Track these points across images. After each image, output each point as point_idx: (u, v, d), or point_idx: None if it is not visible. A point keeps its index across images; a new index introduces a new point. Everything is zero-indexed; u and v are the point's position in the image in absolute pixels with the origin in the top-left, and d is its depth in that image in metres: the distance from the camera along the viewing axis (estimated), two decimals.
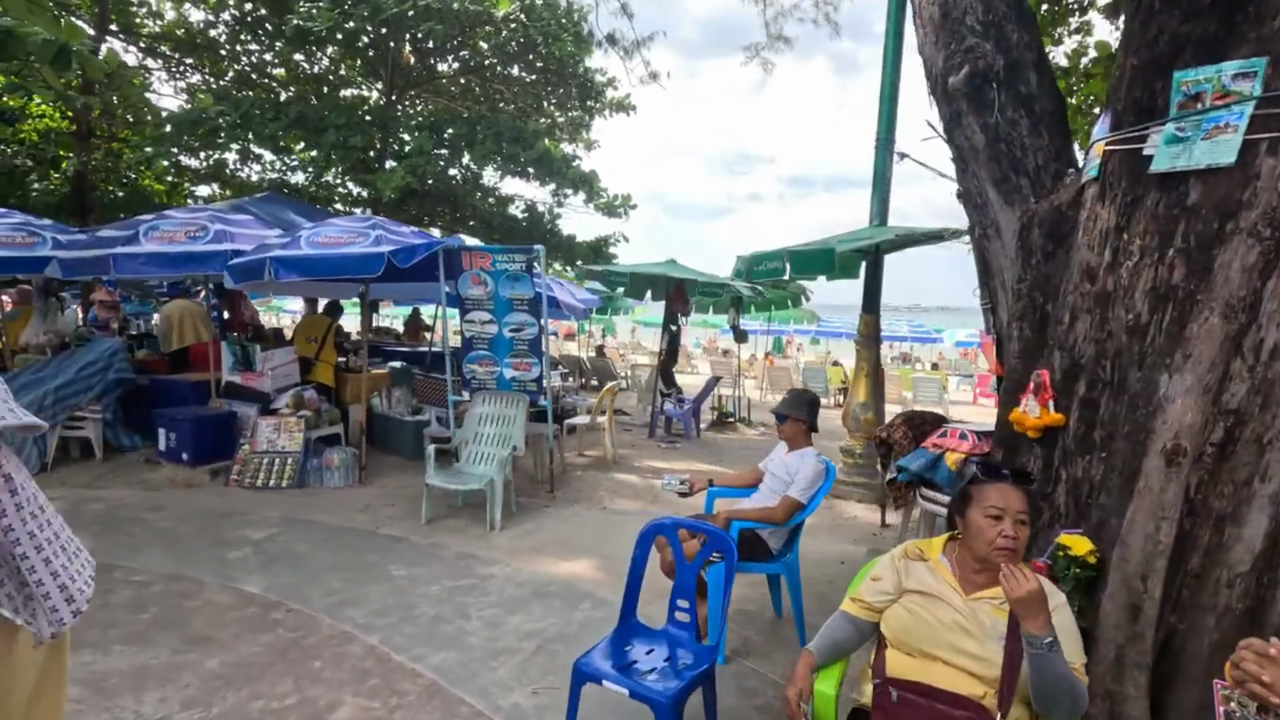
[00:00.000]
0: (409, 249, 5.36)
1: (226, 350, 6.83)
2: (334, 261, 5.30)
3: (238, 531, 4.89)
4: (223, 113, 11.81)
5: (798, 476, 3.25)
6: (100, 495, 5.64)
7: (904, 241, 5.30)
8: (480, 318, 5.84)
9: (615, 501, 5.99)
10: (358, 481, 6.28)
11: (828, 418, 12.13)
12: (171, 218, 6.33)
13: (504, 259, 5.64)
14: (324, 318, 7.81)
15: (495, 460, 5.41)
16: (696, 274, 8.55)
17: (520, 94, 16.93)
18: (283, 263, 5.26)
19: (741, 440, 9.54)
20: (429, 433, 7.29)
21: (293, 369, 7.04)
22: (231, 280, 5.71)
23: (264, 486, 6.06)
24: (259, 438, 6.31)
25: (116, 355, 6.79)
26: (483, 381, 5.94)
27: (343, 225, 5.81)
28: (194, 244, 5.97)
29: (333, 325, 7.75)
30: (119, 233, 6.13)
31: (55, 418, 6.28)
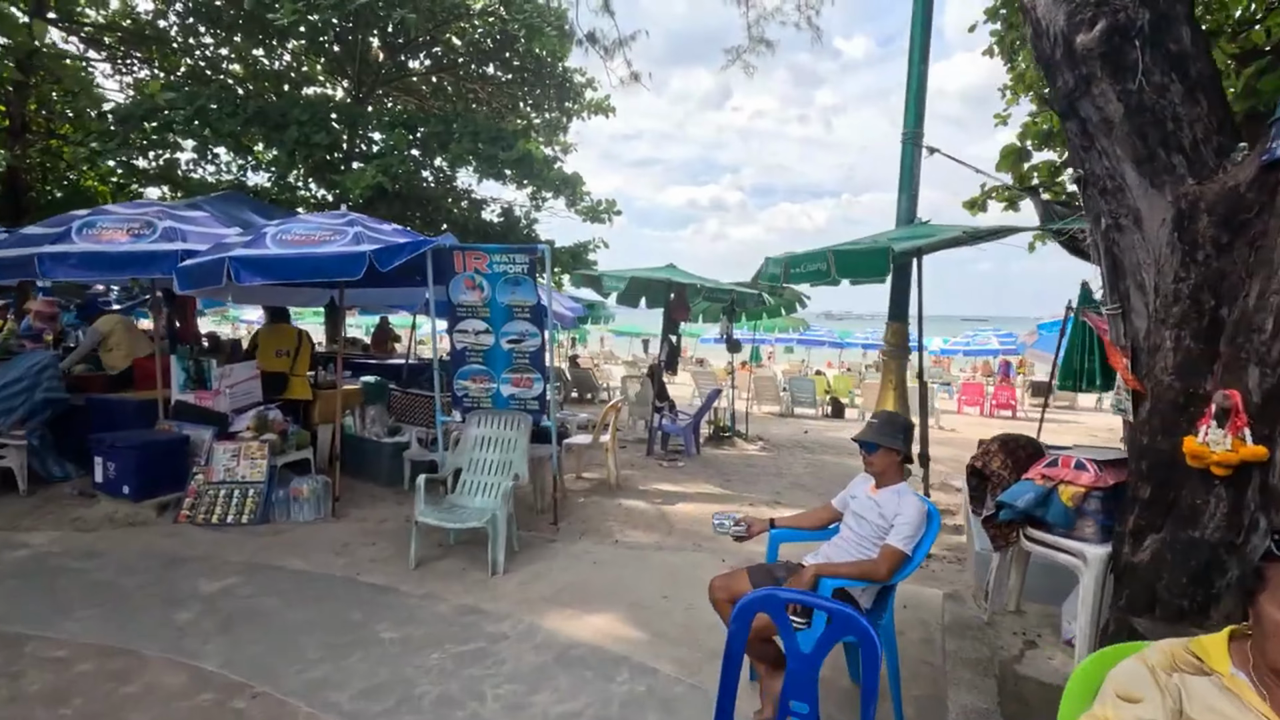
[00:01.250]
0: (393, 249, 4.65)
1: (177, 365, 5.99)
2: (306, 263, 4.56)
3: (189, 583, 4.10)
4: (174, 105, 10.85)
5: (898, 521, 2.66)
6: (22, 539, 4.76)
7: (959, 240, 4.80)
8: (474, 327, 5.15)
9: (627, 533, 5.34)
10: (330, 515, 5.51)
11: (820, 431, 11.64)
12: (111, 213, 5.49)
13: (503, 260, 4.96)
14: (293, 328, 7.00)
15: (496, 491, 4.72)
16: (700, 280, 7.97)
17: (495, 94, 16.24)
18: (245, 264, 4.50)
19: (743, 456, 8.96)
20: (409, 455, 6.55)
21: (254, 386, 6.22)
22: (181, 285, 4.92)
23: (221, 523, 5.24)
24: (215, 465, 5.49)
25: (46, 371, 5.89)
26: (476, 400, 5.24)
27: (315, 222, 5.06)
28: (137, 242, 5.15)
29: (305, 336, 6.95)
30: (47, 230, 5.27)
31: None
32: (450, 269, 5.04)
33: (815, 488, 7.27)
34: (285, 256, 4.55)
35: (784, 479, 7.63)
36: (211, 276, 4.57)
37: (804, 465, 8.49)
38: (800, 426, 13.05)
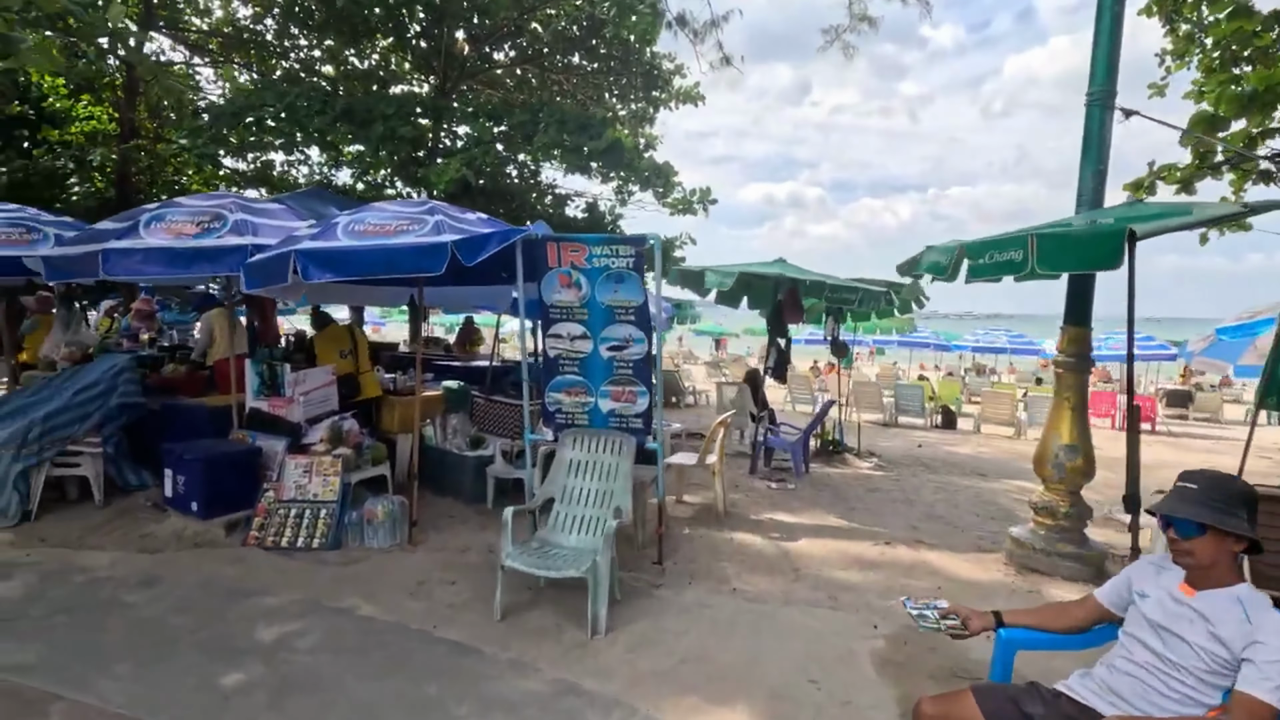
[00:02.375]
0: (478, 240, 3.95)
1: (251, 370, 5.55)
2: (380, 256, 3.92)
3: (245, 628, 3.52)
4: (265, 102, 10.77)
5: (1259, 655, 1.65)
6: (83, 562, 4.36)
7: (1201, 222, 3.64)
8: (569, 331, 4.39)
9: (746, 580, 4.45)
10: (407, 541, 4.89)
11: (935, 445, 10.13)
12: (182, 205, 5.08)
13: (604, 253, 4.18)
14: (343, 325, 6.51)
15: (594, 528, 3.94)
16: (819, 276, 6.96)
17: (580, 84, 15.68)
18: (313, 258, 3.91)
19: (859, 477, 7.88)
20: (493, 472, 5.90)
21: (330, 393, 5.72)
22: (248, 283, 4.41)
23: (291, 547, 4.71)
24: (286, 482, 4.98)
25: (122, 375, 5.57)
26: (570, 415, 4.49)
27: (392, 210, 4.44)
28: (204, 238, 4.69)
29: (358, 330, 6.44)
30: (116, 225, 4.90)
31: (42, 454, 5.08)
32: (543, 263, 4.30)
33: (957, 521, 6.15)
34: (357, 249, 3.93)
35: (915, 508, 6.53)
36: (277, 273, 4.01)
37: (933, 490, 7.34)
38: (910, 439, 11.77)
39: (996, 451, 10.87)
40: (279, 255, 3.99)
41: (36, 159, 14.19)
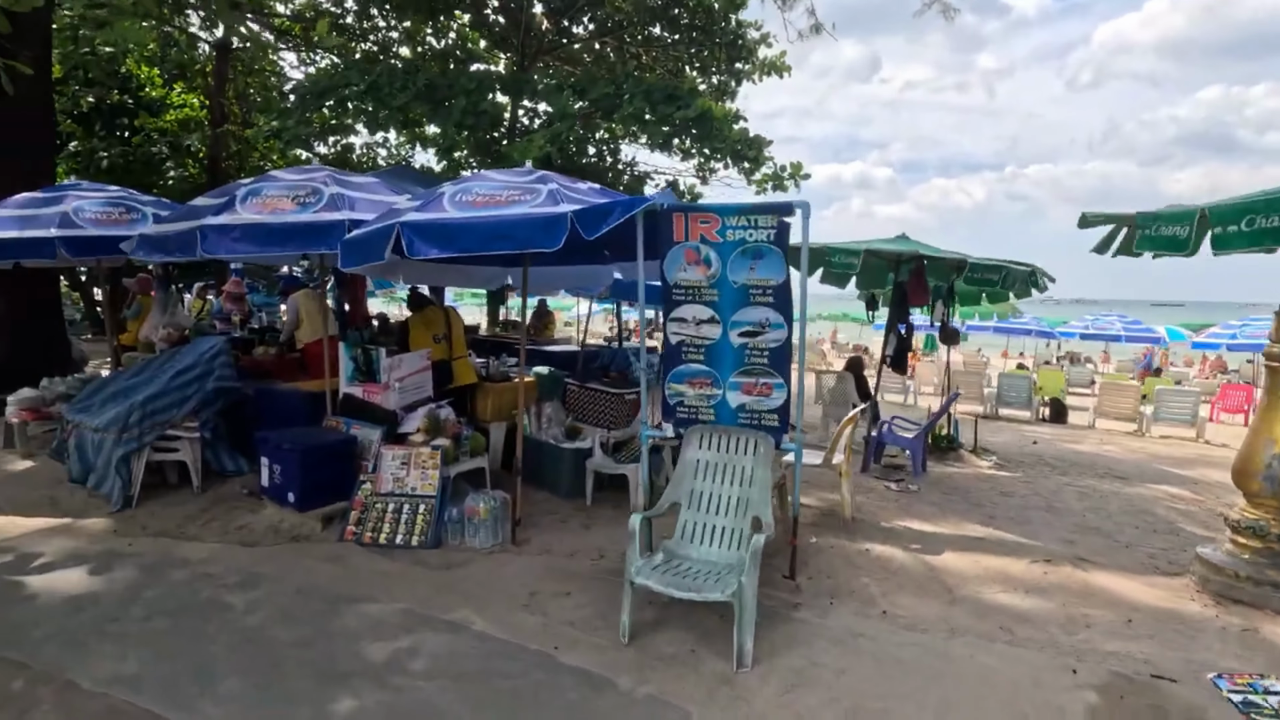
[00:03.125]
0: (600, 210, 3.47)
1: (345, 354, 5.28)
2: (493, 229, 3.49)
3: (354, 643, 3.19)
4: (349, 81, 10.64)
5: None
6: (184, 554, 4.17)
7: None
8: (696, 314, 3.87)
9: (895, 601, 3.87)
10: (510, 541, 4.52)
11: (1050, 441, 9.03)
12: (278, 179, 4.81)
13: (740, 224, 3.63)
14: (439, 308, 6.17)
15: (730, 542, 3.44)
16: (956, 254, 6.21)
17: (660, 57, 15.03)
18: (420, 232, 3.51)
19: (982, 478, 7.11)
20: (593, 465, 5.48)
21: (425, 379, 5.40)
22: (345, 260, 4.07)
23: (390, 544, 4.41)
24: (383, 474, 4.68)
25: (218, 358, 5.41)
26: (694, 410, 3.98)
27: (500, 180, 4.01)
28: (302, 212, 4.39)
29: (453, 313, 6.09)
30: (212, 200, 4.67)
31: (142, 438, 4.94)
32: (667, 237, 3.79)
33: (1116, 534, 5.36)
34: (469, 222, 3.51)
35: (1063, 517, 5.75)
36: (378, 249, 3.64)
37: (1075, 496, 6.51)
38: (1021, 434, 10.79)
39: (1124, 451, 9.80)
40: (381, 229, 3.62)
41: (135, 145, 14.67)
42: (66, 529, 4.52)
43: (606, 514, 5.27)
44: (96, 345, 13.86)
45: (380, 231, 3.61)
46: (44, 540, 4.31)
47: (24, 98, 8.20)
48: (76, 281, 18.60)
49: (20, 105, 8.10)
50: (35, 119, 8.34)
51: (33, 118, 8.30)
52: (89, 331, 17.09)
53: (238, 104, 16.79)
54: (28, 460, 5.95)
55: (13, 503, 4.98)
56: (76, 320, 17.96)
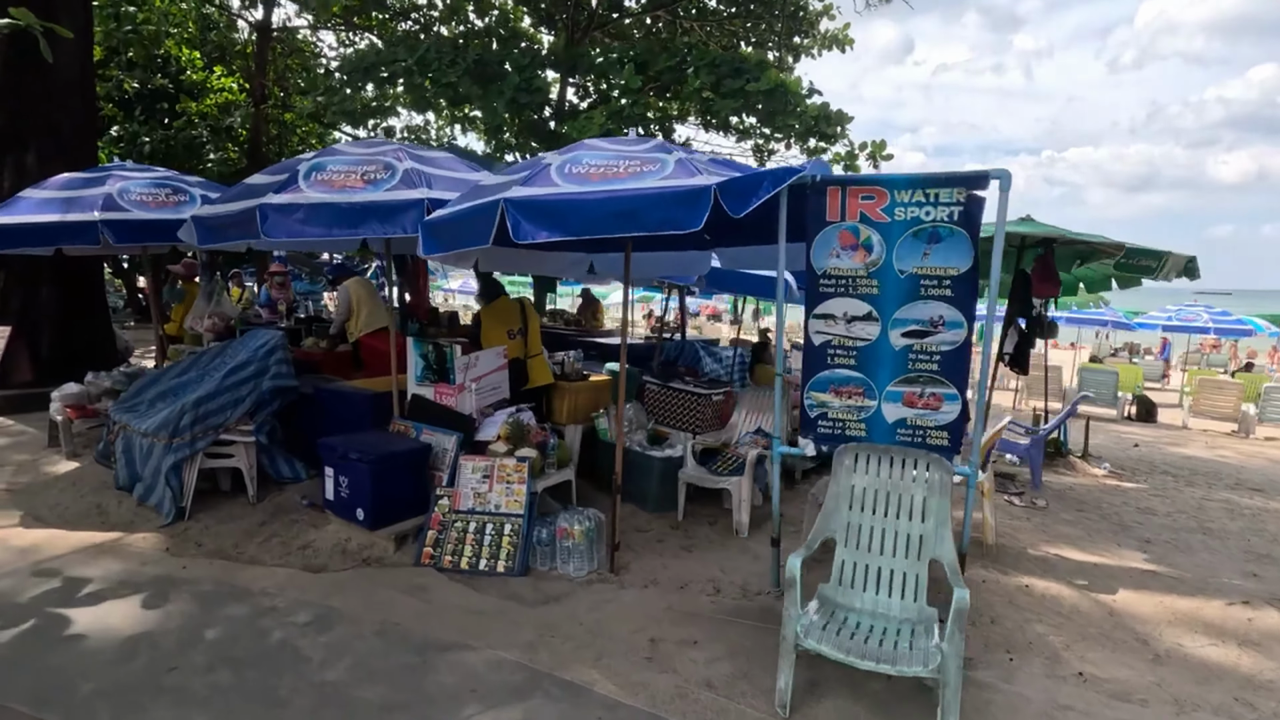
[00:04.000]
0: (748, 182, 2.82)
1: (414, 351, 4.72)
2: (618, 206, 2.86)
3: (453, 710, 2.63)
4: (396, 57, 10.09)
5: None
6: (244, 581, 3.66)
7: None
8: (848, 309, 3.21)
9: (1088, 658, 3.20)
10: (608, 569, 3.94)
11: (1152, 444, 8.04)
12: (344, 153, 4.23)
13: (915, 198, 2.96)
14: (513, 299, 5.56)
15: (902, 589, 2.80)
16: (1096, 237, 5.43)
17: (715, 32, 14.24)
18: (527, 211, 2.90)
19: (1111, 491, 6.35)
20: (686, 477, 4.87)
21: (501, 380, 4.83)
22: (428, 246, 3.47)
23: (473, 569, 3.86)
24: (462, 488, 4.13)
25: (274, 354, 4.89)
26: (840, 424, 3.33)
27: (612, 148, 3.37)
28: (374, 190, 3.81)
29: (528, 305, 5.49)
30: (271, 177, 4.12)
31: (195, 444, 4.45)
32: (817, 215, 3.13)
33: None
34: (585, 198, 2.89)
35: (1223, 541, 5.00)
36: (479, 230, 3.03)
37: (1222, 513, 5.74)
38: (1115, 435, 9.94)
39: (1240, 456, 8.91)
40: (481, 208, 3.01)
41: (176, 129, 14.36)
42: (115, 546, 4.05)
43: (703, 532, 4.68)
44: (138, 333, 13.66)
45: (481, 211, 3.00)
46: (91, 561, 3.84)
47: (65, 75, 7.82)
48: (118, 267, 18.52)
49: (61, 83, 7.73)
50: (77, 97, 7.94)
51: (74, 96, 7.90)
52: (131, 319, 16.97)
53: (277, 86, 16.41)
54: (73, 461, 5.53)
55: (58, 512, 4.54)
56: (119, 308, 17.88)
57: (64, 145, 7.59)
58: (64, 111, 7.82)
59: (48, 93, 7.63)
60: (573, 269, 4.87)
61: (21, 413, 7.09)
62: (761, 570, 4.03)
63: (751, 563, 4.15)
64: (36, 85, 7.64)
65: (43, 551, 3.93)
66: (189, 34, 16.10)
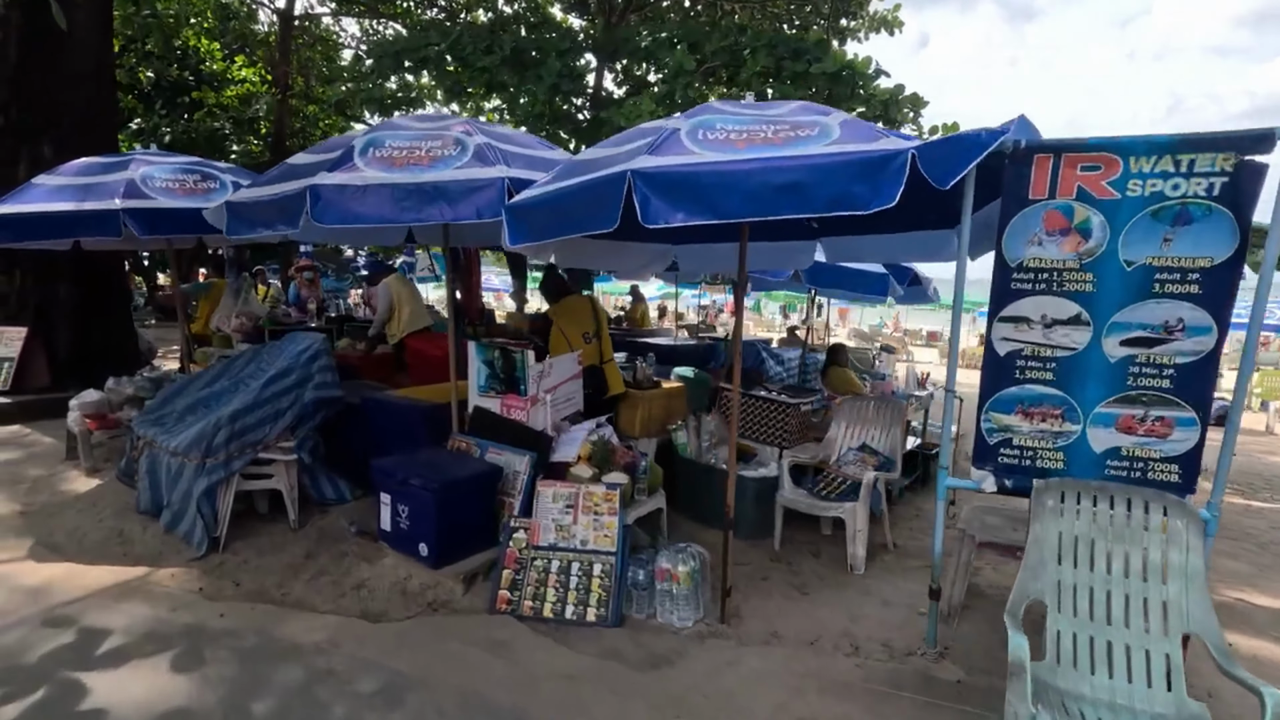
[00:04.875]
0: (954, 145, 2.17)
1: (477, 356, 4.12)
2: (782, 178, 2.21)
3: None
4: (429, 41, 9.50)
5: None
6: (291, 632, 3.08)
7: None
8: (1050, 310, 2.56)
9: None
10: (719, 619, 3.32)
11: (1263, 452, 7.05)
12: (403, 127, 3.62)
13: (1159, 167, 2.30)
14: (586, 298, 4.93)
15: (1160, 674, 2.15)
16: None
17: (756, 14, 13.55)
18: (660, 185, 2.27)
19: (1244, 512, 5.63)
20: (786, 500, 4.24)
21: (576, 390, 4.22)
22: (515, 234, 2.86)
23: (558, 617, 3.26)
24: (542, 519, 3.52)
25: (316, 362, 4.31)
26: (1029, 453, 2.68)
27: (748, 113, 2.71)
28: (444, 168, 3.20)
29: (598, 306, 4.86)
30: (320, 156, 3.51)
31: (230, 464, 3.87)
32: (1016, 192, 2.48)
33: None
34: (742, 168, 2.24)
35: None
36: (591, 213, 2.41)
37: None
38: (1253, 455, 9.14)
39: None
40: (598, 184, 2.38)
41: (197, 121, 13.90)
42: (140, 586, 3.48)
43: (809, 566, 4.05)
44: (160, 332, 13.22)
45: (599, 188, 2.37)
46: (113, 605, 3.28)
47: (83, 62, 7.30)
48: (138, 264, 18.13)
49: (80, 71, 7.23)
50: (95, 86, 7.44)
51: (93, 84, 7.40)
52: (153, 317, 16.57)
53: (301, 77, 15.93)
54: (93, 478, 4.99)
55: (76, 539, 3.99)
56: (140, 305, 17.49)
57: (83, 136, 7.08)
58: (83, 101, 7.32)
59: (66, 81, 7.13)
60: (655, 263, 4.24)
61: (39, 419, 6.58)
62: (897, 619, 3.40)
63: (882, 610, 3.51)
64: (54, 73, 7.14)
65: (57, 593, 3.37)
66: (208, 24, 15.65)
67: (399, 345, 6.38)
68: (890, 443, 4.44)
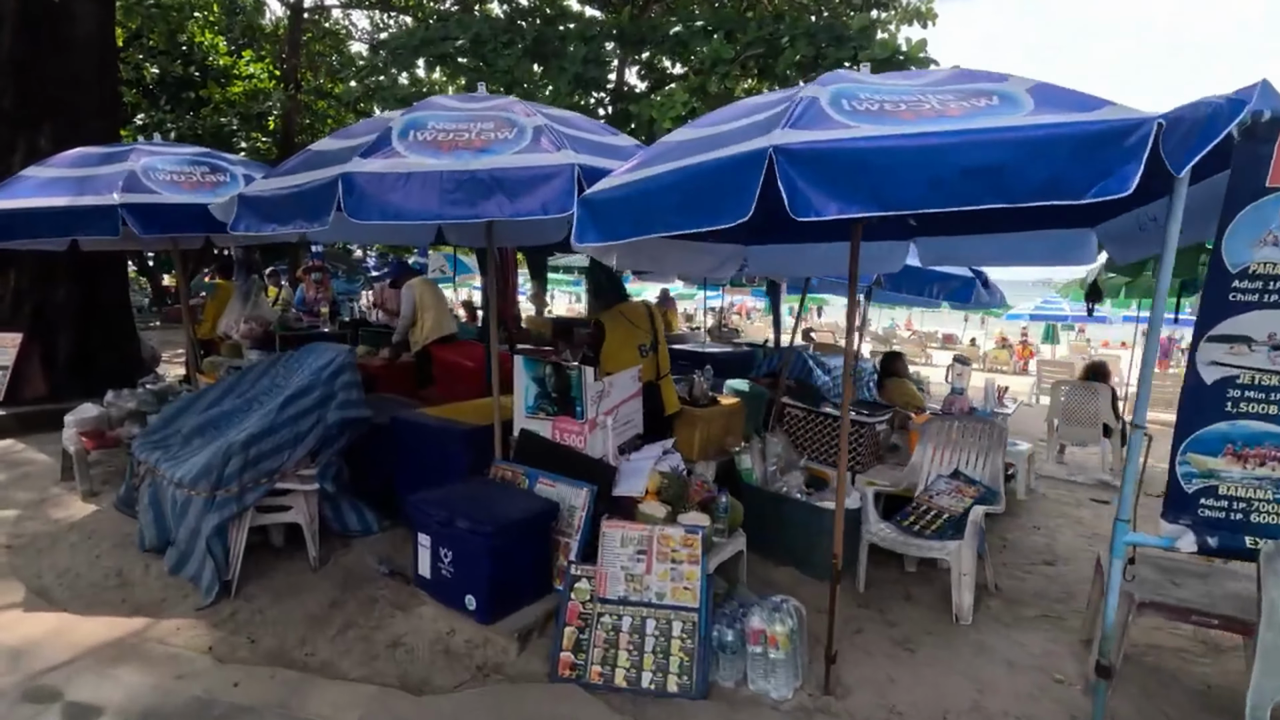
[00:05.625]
0: (1196, 117, 1.64)
1: (526, 371, 3.60)
2: (985, 155, 1.69)
3: None
4: (449, 35, 9.01)
5: None
6: (318, 708, 2.57)
7: None
8: (1276, 330, 2.03)
9: None
10: (823, 688, 2.80)
11: None
12: (445, 107, 3.11)
13: None
14: (641, 303, 4.40)
15: None
16: None
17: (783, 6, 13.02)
18: (812, 166, 1.75)
19: None
20: (873, 535, 3.73)
21: (635, 410, 3.71)
22: (586, 231, 2.36)
23: (634, 687, 2.74)
24: (608, 567, 3.00)
25: (341, 377, 3.80)
26: (1244, 506, 2.15)
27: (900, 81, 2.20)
28: (499, 153, 2.69)
29: (656, 313, 4.33)
30: (350, 140, 2.99)
31: (244, 497, 3.37)
32: (1250, 178, 1.95)
33: None
34: (916, 144, 1.72)
35: None
36: (713, 206, 1.89)
37: None
38: None
39: None
40: (731, 165, 1.86)
41: (203, 117, 13.45)
42: (140, 644, 2.98)
43: (904, 613, 3.53)
44: (163, 334, 12.75)
45: (734, 169, 1.84)
46: (108, 671, 2.77)
47: (85, 52, 6.81)
48: (142, 264, 17.68)
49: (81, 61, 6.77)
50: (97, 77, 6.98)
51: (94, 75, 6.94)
52: (157, 319, 16.12)
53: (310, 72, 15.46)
54: (90, 502, 4.50)
55: (68, 582, 3.49)
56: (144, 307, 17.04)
57: (82, 128, 6.60)
58: (83, 92, 6.86)
59: (65, 71, 6.67)
60: (727, 266, 3.70)
61: (35, 432, 6.10)
62: (1031, 687, 2.88)
63: (1010, 675, 2.99)
64: (53, 62, 6.68)
65: (43, 655, 2.86)
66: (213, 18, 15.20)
67: (422, 354, 5.88)
68: (991, 470, 3.91)
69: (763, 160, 1.75)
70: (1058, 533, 4.87)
